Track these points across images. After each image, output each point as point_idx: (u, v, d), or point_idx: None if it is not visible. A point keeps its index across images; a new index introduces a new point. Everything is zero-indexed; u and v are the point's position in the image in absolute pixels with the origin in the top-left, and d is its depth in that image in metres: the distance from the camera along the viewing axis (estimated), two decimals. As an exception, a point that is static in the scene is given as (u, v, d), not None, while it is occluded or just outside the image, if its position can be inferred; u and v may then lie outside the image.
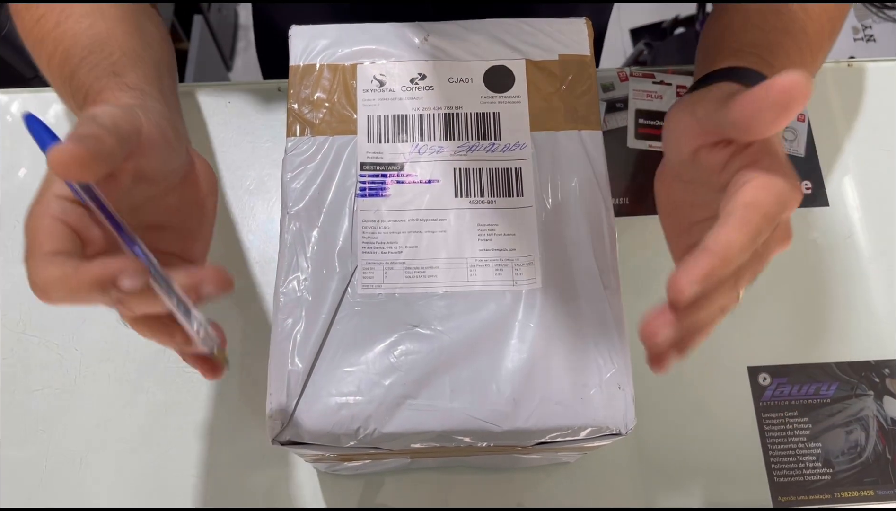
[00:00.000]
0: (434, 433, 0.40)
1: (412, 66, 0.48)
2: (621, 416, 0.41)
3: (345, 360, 0.41)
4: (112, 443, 0.55)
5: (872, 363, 0.58)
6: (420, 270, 0.44)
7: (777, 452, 0.55)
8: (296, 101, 0.47)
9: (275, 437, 0.40)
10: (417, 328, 0.42)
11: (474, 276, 0.44)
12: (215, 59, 1.66)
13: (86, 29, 0.47)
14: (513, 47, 0.48)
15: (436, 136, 0.46)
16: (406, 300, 0.43)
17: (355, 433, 0.40)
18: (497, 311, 0.43)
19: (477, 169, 0.46)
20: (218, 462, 0.55)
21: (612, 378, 0.42)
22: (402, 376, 0.41)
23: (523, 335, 0.42)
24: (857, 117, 0.66)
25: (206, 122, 0.64)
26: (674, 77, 0.66)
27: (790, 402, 0.57)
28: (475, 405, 0.41)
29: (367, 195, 0.45)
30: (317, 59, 0.48)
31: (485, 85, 0.48)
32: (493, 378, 0.41)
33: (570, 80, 0.48)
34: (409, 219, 0.45)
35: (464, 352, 0.42)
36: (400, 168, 0.46)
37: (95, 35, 0.46)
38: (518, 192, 0.45)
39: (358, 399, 0.41)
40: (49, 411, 0.56)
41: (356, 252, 0.44)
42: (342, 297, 0.43)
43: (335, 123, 0.46)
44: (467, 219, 0.45)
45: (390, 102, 0.47)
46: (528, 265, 0.44)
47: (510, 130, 0.47)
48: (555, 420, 0.41)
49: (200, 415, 0.56)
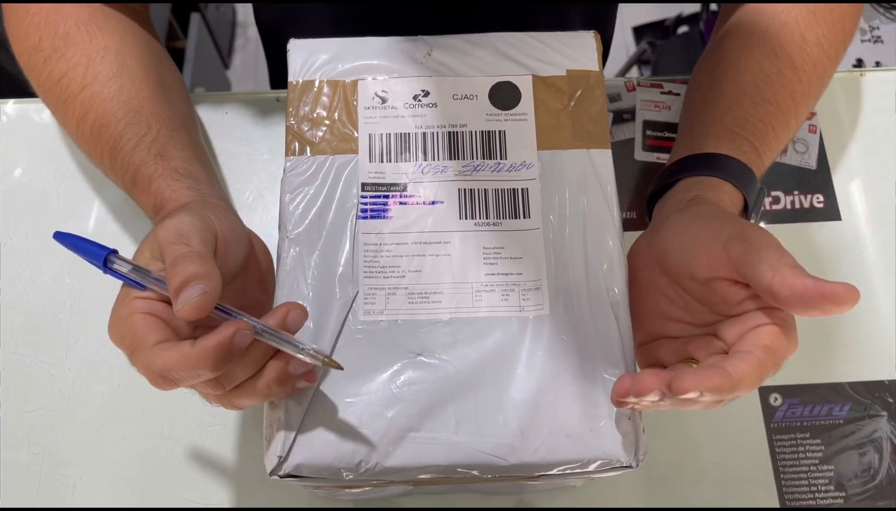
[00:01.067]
0: (438, 467, 0.39)
1: (415, 82, 0.46)
2: (632, 448, 0.40)
3: (346, 391, 0.40)
4: (106, 465, 0.53)
5: (886, 383, 0.56)
6: (423, 296, 0.42)
7: (789, 475, 0.54)
8: (294, 118, 0.45)
9: (272, 471, 0.39)
10: (421, 357, 0.41)
11: (480, 301, 0.42)
12: (213, 58, 1.64)
13: (115, 94, 0.47)
14: (519, 63, 0.47)
15: (439, 155, 0.45)
16: (409, 327, 0.41)
17: (357, 467, 0.39)
18: (503, 338, 0.41)
19: (482, 189, 0.44)
20: (213, 487, 0.53)
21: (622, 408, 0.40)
22: (405, 407, 0.40)
23: (531, 364, 0.41)
24: (868, 129, 0.65)
25: (202, 132, 0.63)
26: (682, 87, 0.65)
27: (802, 423, 0.55)
28: (481, 438, 0.39)
29: (369, 217, 0.43)
30: (316, 74, 0.46)
31: (490, 102, 0.46)
32: (500, 409, 0.40)
33: (579, 97, 0.46)
34: (412, 241, 0.43)
35: (469, 382, 0.40)
36: (402, 188, 0.44)
37: (126, 102, 0.47)
38: (525, 213, 0.44)
39: (359, 431, 0.39)
40: (42, 432, 0.54)
41: (357, 277, 0.42)
42: (343, 325, 0.41)
43: (335, 142, 0.45)
44: (472, 242, 0.43)
45: (392, 120, 0.45)
46: (536, 290, 0.42)
47: (516, 149, 0.45)
48: (564, 453, 0.39)
49: (196, 437, 0.54)
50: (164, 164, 0.45)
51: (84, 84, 0.48)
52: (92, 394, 0.55)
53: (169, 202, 0.43)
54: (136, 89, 0.48)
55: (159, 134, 0.46)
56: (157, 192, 0.44)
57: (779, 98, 0.49)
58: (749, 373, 0.34)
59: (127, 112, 0.47)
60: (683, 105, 0.56)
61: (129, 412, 0.55)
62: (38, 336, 0.57)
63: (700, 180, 0.45)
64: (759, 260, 0.35)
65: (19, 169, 0.62)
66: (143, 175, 0.45)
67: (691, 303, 0.40)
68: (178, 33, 1.50)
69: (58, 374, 0.56)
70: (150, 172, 0.45)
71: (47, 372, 0.56)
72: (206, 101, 0.64)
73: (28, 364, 0.56)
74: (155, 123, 0.47)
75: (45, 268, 0.58)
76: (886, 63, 1.15)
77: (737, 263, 0.36)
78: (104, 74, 0.48)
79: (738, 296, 0.37)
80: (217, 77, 1.66)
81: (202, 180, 0.46)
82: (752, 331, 0.36)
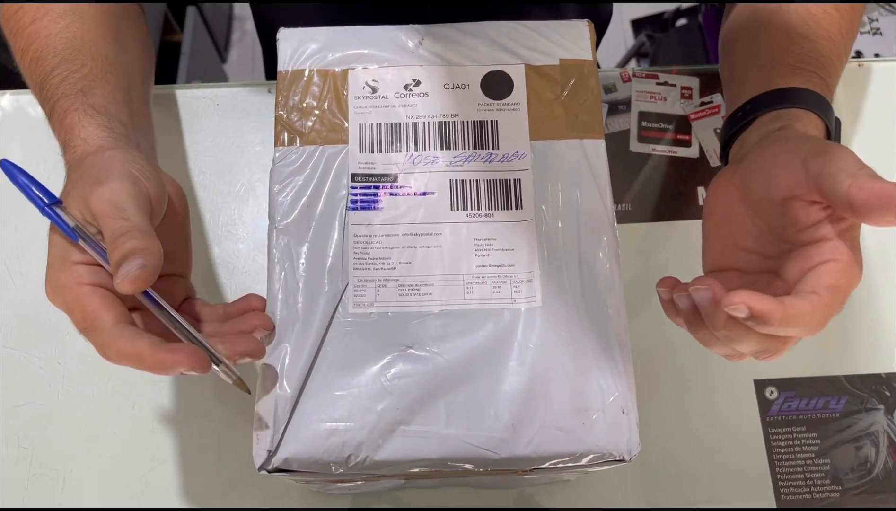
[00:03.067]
0: (428, 461, 0.39)
1: (406, 71, 0.46)
2: (625, 442, 0.39)
3: (335, 384, 0.39)
4: (96, 460, 0.53)
5: (883, 376, 0.56)
6: (414, 288, 0.42)
7: (784, 469, 0.54)
8: (284, 108, 0.45)
9: (261, 466, 0.39)
10: (411, 349, 0.40)
11: (471, 293, 0.42)
12: (210, 51, 1.63)
13: (61, 31, 0.47)
14: (512, 52, 0.46)
15: (431, 145, 0.44)
16: (399, 319, 0.41)
17: (346, 461, 0.38)
18: (495, 331, 0.41)
19: (474, 180, 0.44)
20: (205, 480, 0.53)
21: (615, 401, 0.40)
22: (395, 401, 0.39)
23: (522, 357, 0.40)
24: (866, 120, 0.64)
25: (193, 124, 0.62)
26: (678, 77, 0.64)
27: (798, 416, 0.55)
28: (472, 431, 0.39)
29: (359, 208, 0.43)
30: (306, 64, 0.46)
31: (482, 91, 0.45)
32: (491, 402, 0.39)
33: (572, 86, 0.46)
34: (403, 233, 0.43)
35: (460, 374, 0.40)
36: (393, 179, 0.44)
37: (70, 39, 0.46)
38: (517, 204, 0.43)
39: (349, 425, 0.39)
40: (31, 427, 0.54)
41: (347, 268, 0.42)
42: (332, 317, 0.41)
43: (325, 132, 0.44)
44: (464, 233, 0.43)
45: (383, 110, 0.45)
46: (528, 282, 0.42)
47: (509, 139, 0.44)
48: (556, 446, 0.39)
49: (187, 431, 0.54)
50: (83, 99, 0.44)
51: (35, 17, 0.47)
52: (82, 388, 0.55)
53: (77, 140, 0.42)
54: (84, 30, 0.47)
55: (91, 71, 0.45)
56: (69, 126, 0.43)
57: (830, 34, 0.48)
58: (811, 315, 0.33)
59: (66, 48, 0.46)
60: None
61: (120, 407, 0.54)
62: (28, 331, 0.56)
63: (782, 113, 0.44)
64: (837, 170, 0.34)
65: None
66: (60, 107, 0.44)
67: (764, 231, 0.40)
68: (174, 27, 1.49)
69: (48, 368, 0.55)
70: (66, 105, 0.43)
71: (37, 366, 0.55)
72: (196, 92, 0.63)
73: (18, 358, 0.55)
74: (90, 62, 0.45)
75: (35, 262, 0.58)
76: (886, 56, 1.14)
77: (815, 177, 0.35)
78: (56, 11, 0.47)
79: (811, 218, 0.36)
80: (214, 71, 1.65)
81: (120, 120, 0.44)
82: (813, 270, 0.35)
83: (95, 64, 0.45)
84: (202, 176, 0.61)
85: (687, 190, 0.61)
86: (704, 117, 0.63)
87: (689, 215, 0.60)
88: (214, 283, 0.57)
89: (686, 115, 0.63)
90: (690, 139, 0.62)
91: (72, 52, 0.45)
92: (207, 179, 0.61)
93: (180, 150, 0.61)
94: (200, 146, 0.62)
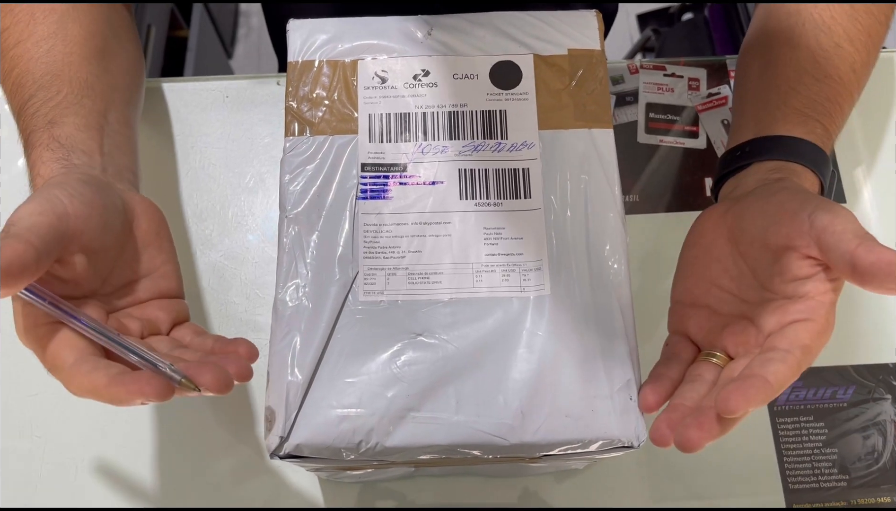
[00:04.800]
0: (438, 447, 0.39)
1: (415, 61, 0.46)
2: (633, 429, 0.39)
3: (346, 371, 0.40)
4: (109, 450, 0.54)
5: (891, 366, 0.56)
6: (424, 276, 0.42)
7: (792, 458, 0.54)
8: (294, 99, 0.45)
9: (273, 452, 0.39)
10: (421, 337, 0.41)
11: (480, 282, 0.42)
12: (216, 47, 1.63)
13: (43, 55, 0.46)
14: (520, 42, 0.46)
15: (440, 135, 0.45)
16: (409, 308, 0.41)
17: (357, 447, 0.39)
18: (504, 318, 0.41)
19: (483, 170, 0.44)
20: (216, 469, 0.53)
21: (623, 388, 0.40)
22: (405, 387, 0.39)
23: (531, 344, 0.40)
24: (874, 114, 0.64)
25: (203, 116, 0.63)
26: (685, 69, 0.64)
27: (805, 406, 0.55)
28: (481, 418, 0.39)
29: (369, 197, 0.43)
30: (316, 54, 0.46)
31: (491, 81, 0.46)
32: (500, 389, 0.40)
33: (580, 76, 0.46)
34: (412, 222, 0.43)
35: (469, 362, 0.40)
36: (402, 169, 0.44)
37: (49, 64, 0.46)
38: (525, 193, 0.43)
39: (359, 411, 0.39)
40: (46, 416, 0.54)
41: (357, 257, 0.42)
42: (343, 305, 0.41)
43: (335, 122, 0.45)
44: (473, 222, 0.43)
45: (392, 100, 0.45)
46: (537, 270, 0.42)
47: (517, 129, 0.45)
48: (564, 433, 0.39)
49: (198, 421, 0.54)
50: (50, 131, 0.43)
51: (19, 40, 0.46)
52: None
53: (37, 178, 0.42)
54: (66, 53, 0.46)
55: (65, 99, 0.44)
56: (33, 162, 0.43)
57: (840, 72, 0.48)
58: (788, 376, 0.35)
59: (45, 74, 0.45)
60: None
61: (131, 396, 0.55)
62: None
63: (783, 165, 0.45)
64: (844, 230, 0.35)
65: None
66: (30, 142, 0.44)
67: (745, 274, 0.40)
68: (180, 22, 1.49)
69: (60, 358, 0.56)
70: (35, 140, 0.43)
71: (49, 356, 0.56)
72: (205, 84, 0.63)
73: (30, 348, 0.56)
74: (66, 88, 0.45)
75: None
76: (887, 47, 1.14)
77: (820, 231, 0.36)
78: (39, 33, 0.46)
79: (802, 271, 0.37)
80: (220, 66, 1.65)
81: (84, 150, 0.43)
82: (791, 326, 0.36)
83: (72, 89, 0.45)
84: (212, 168, 0.61)
85: (694, 181, 0.61)
86: (712, 108, 0.63)
87: (696, 206, 0.60)
88: (225, 275, 0.58)
89: (693, 107, 0.63)
90: (698, 130, 0.63)
91: (50, 77, 0.45)
92: (217, 171, 0.61)
93: (190, 143, 0.62)
94: (210, 138, 0.62)
